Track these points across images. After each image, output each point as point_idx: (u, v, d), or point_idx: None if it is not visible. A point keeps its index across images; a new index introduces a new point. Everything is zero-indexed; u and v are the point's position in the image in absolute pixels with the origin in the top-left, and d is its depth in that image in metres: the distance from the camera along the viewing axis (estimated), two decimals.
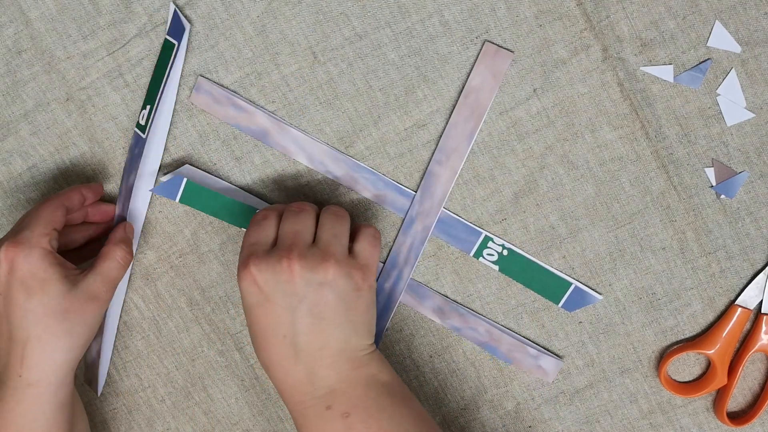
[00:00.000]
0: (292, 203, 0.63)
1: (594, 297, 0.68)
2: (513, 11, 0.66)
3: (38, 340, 0.58)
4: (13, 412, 0.59)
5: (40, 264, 0.59)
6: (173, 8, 0.66)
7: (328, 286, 0.59)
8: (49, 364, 0.59)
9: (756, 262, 0.68)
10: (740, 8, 0.65)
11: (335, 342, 0.59)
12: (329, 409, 0.59)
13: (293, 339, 0.59)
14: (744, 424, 0.69)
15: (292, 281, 0.58)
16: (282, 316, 0.59)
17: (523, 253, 0.68)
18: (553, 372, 0.69)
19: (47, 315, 0.59)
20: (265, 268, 0.58)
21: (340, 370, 0.59)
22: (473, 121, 0.67)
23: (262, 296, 0.59)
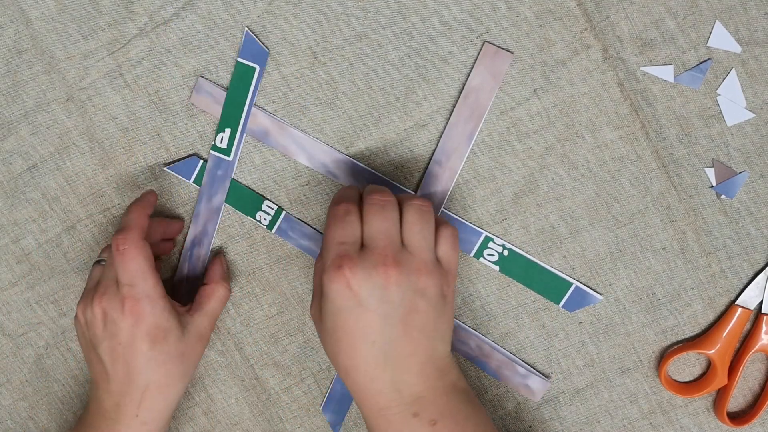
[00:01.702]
0: (371, 192, 0.61)
1: (595, 297, 0.68)
2: (513, 11, 0.66)
3: (158, 386, 0.62)
4: None
5: (163, 315, 0.62)
6: (247, 32, 0.66)
7: (421, 294, 0.58)
8: (165, 406, 0.63)
9: (756, 262, 0.68)
10: (740, 8, 0.65)
11: (423, 350, 0.59)
12: (416, 417, 0.58)
13: (383, 346, 0.57)
14: (744, 424, 0.69)
15: (388, 288, 0.57)
16: (374, 321, 0.57)
17: (523, 253, 0.68)
18: (539, 392, 0.69)
19: (167, 361, 0.62)
20: (360, 272, 0.57)
21: (428, 378, 0.59)
22: (473, 122, 0.67)
23: (354, 301, 0.57)
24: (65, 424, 0.73)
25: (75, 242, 0.70)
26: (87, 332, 0.63)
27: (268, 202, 0.69)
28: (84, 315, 0.63)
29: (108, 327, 0.61)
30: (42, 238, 0.70)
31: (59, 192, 0.69)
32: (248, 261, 0.70)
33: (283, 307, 0.70)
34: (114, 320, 0.61)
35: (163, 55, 0.67)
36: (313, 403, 0.72)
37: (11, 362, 0.72)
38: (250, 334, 0.71)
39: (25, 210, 0.70)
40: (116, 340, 0.61)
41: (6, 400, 0.72)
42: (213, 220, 0.69)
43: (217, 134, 0.68)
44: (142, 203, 0.65)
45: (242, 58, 0.67)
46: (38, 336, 0.72)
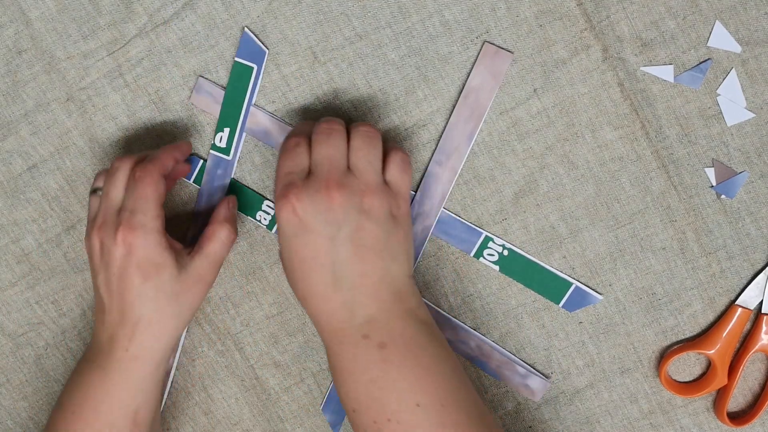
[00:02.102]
0: (320, 122, 0.62)
1: (595, 297, 0.68)
2: (513, 11, 0.66)
3: (149, 322, 0.61)
4: (116, 384, 0.61)
5: (156, 249, 0.61)
6: (246, 32, 0.66)
7: (366, 214, 0.59)
8: (156, 343, 0.62)
9: (756, 262, 0.68)
10: (740, 8, 0.65)
11: (375, 270, 0.59)
12: (366, 338, 0.59)
13: (333, 267, 0.59)
14: (744, 424, 0.69)
15: (332, 210, 0.58)
16: (322, 244, 0.58)
17: (523, 253, 0.68)
18: (539, 392, 0.69)
19: (159, 298, 0.61)
20: (304, 197, 0.58)
21: (380, 300, 0.59)
22: (473, 122, 0.67)
23: (301, 226, 0.59)
24: None
25: (75, 242, 0.70)
26: (90, 263, 0.63)
27: (268, 202, 0.69)
28: (86, 246, 0.63)
29: (104, 257, 0.61)
30: (42, 238, 0.70)
31: (59, 192, 0.69)
32: (248, 261, 0.70)
33: (283, 307, 0.70)
34: (109, 249, 0.60)
35: (163, 55, 0.67)
36: (313, 403, 0.72)
37: (11, 362, 0.72)
38: (250, 334, 0.71)
39: (25, 210, 0.70)
40: (110, 271, 0.61)
41: (6, 400, 0.72)
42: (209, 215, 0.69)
43: (216, 134, 0.68)
44: (174, 147, 0.65)
45: (240, 57, 0.67)
46: (38, 336, 0.71)
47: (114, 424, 0.62)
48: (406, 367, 0.58)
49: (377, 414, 0.58)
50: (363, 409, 0.58)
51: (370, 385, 0.58)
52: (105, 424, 0.61)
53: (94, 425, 0.61)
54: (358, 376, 0.58)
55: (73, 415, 0.62)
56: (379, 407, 0.57)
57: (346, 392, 0.59)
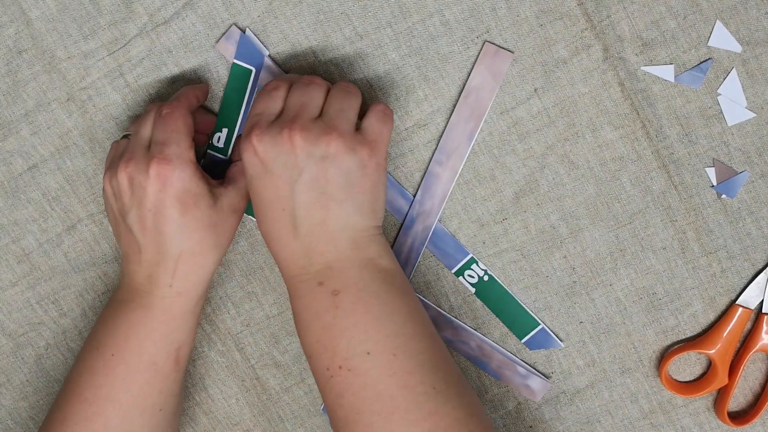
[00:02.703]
0: (303, 76, 0.62)
1: (557, 342, 0.69)
2: (514, 11, 0.66)
3: (191, 254, 0.61)
4: (160, 322, 0.61)
5: (192, 179, 0.60)
6: (239, 33, 0.66)
7: (330, 161, 0.58)
8: (199, 276, 0.62)
9: (757, 262, 0.68)
10: (741, 8, 0.65)
11: (335, 219, 0.58)
12: (321, 285, 0.58)
13: (292, 212, 0.58)
14: (745, 424, 0.69)
15: (293, 153, 0.57)
16: (282, 188, 0.58)
17: (502, 284, 0.68)
18: (540, 392, 0.69)
19: (200, 228, 0.60)
20: (266, 139, 0.58)
21: (339, 248, 0.59)
22: (473, 122, 0.67)
23: (262, 168, 0.58)
24: None
25: (75, 242, 0.70)
26: (114, 203, 0.61)
27: None
28: (110, 185, 0.61)
29: (135, 193, 0.60)
30: (42, 238, 0.70)
31: (60, 192, 0.69)
32: (248, 261, 0.70)
33: (284, 307, 0.70)
34: (141, 185, 0.59)
35: (164, 55, 0.67)
36: (313, 403, 0.72)
37: (11, 362, 0.72)
38: (250, 334, 0.71)
39: (25, 210, 0.70)
40: (144, 207, 0.60)
41: (6, 400, 0.72)
42: None
43: (213, 134, 0.68)
44: (196, 86, 0.65)
45: (238, 59, 0.67)
46: (39, 336, 0.71)
47: (157, 363, 0.61)
48: (357, 314, 0.58)
49: (329, 361, 0.57)
50: (316, 355, 0.58)
51: (322, 332, 0.58)
52: (148, 364, 0.61)
53: (138, 366, 0.61)
54: (311, 323, 0.58)
55: (114, 357, 0.61)
56: (331, 354, 0.57)
57: (302, 338, 0.59)
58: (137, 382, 0.61)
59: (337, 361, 0.57)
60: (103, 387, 0.60)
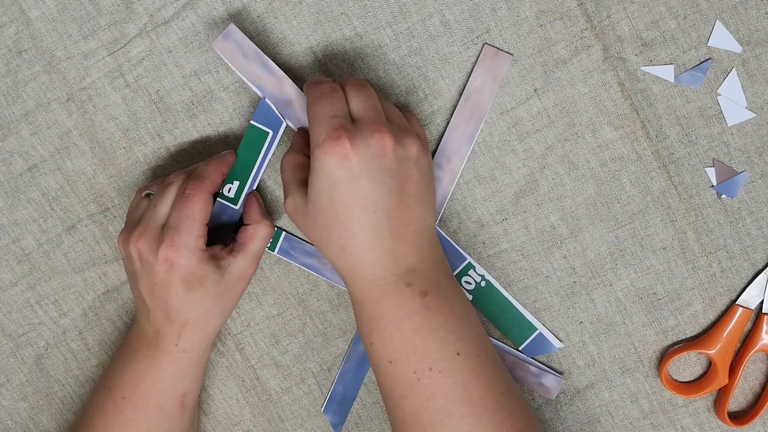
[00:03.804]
0: (347, 78, 0.62)
1: (553, 347, 0.69)
2: (514, 11, 0.66)
3: (196, 322, 0.63)
4: (166, 372, 0.64)
5: (198, 265, 0.61)
6: (262, 100, 0.65)
7: (414, 162, 0.59)
8: (203, 337, 0.64)
9: (757, 262, 0.68)
10: (741, 8, 0.65)
11: (417, 220, 0.59)
12: (409, 287, 0.58)
13: (382, 215, 0.58)
14: (745, 424, 0.69)
15: (385, 156, 0.58)
16: (373, 191, 0.57)
17: (501, 288, 0.68)
18: (555, 389, 0.69)
19: (205, 302, 0.63)
20: (358, 141, 0.57)
21: (421, 250, 0.60)
22: (473, 124, 0.67)
23: (353, 172, 0.57)
24: (66, 424, 0.73)
25: (75, 242, 0.70)
26: (127, 264, 0.64)
27: None
28: (124, 248, 0.63)
29: (144, 267, 0.62)
30: (42, 238, 0.70)
31: (59, 192, 0.69)
32: None
33: (284, 307, 0.70)
34: (149, 262, 0.61)
35: (164, 55, 0.67)
36: (313, 404, 0.71)
37: (11, 362, 0.72)
38: (250, 334, 0.71)
39: (25, 210, 0.70)
40: (152, 280, 0.62)
41: (6, 400, 0.72)
42: None
43: (225, 185, 0.67)
44: (221, 160, 0.65)
45: (256, 121, 0.66)
46: (38, 336, 0.71)
47: (163, 407, 0.64)
48: (444, 315, 0.58)
49: (418, 363, 0.57)
50: (402, 358, 0.58)
51: (411, 333, 0.58)
52: (154, 408, 0.64)
53: (145, 409, 0.64)
54: (398, 324, 0.58)
55: (124, 399, 0.64)
56: (422, 356, 0.57)
57: (383, 342, 0.59)
58: (144, 423, 0.64)
59: (427, 362, 0.57)
60: (114, 425, 0.65)
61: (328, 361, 0.71)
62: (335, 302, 0.70)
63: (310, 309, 0.70)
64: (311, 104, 0.60)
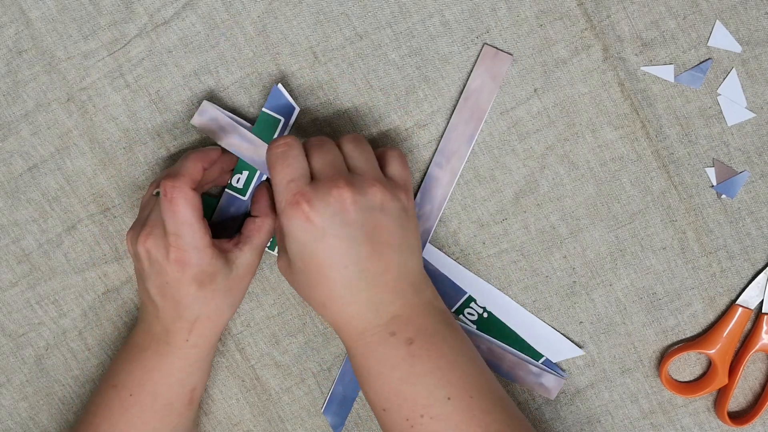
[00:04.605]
0: (309, 138, 0.62)
1: (561, 372, 0.69)
2: (514, 11, 0.66)
3: (208, 317, 0.63)
4: (175, 368, 0.64)
5: (210, 262, 0.61)
6: (275, 87, 0.66)
7: (380, 210, 0.58)
8: (214, 331, 0.64)
9: (757, 262, 0.68)
10: (741, 8, 0.65)
11: (395, 266, 0.59)
12: (393, 336, 0.58)
13: (354, 267, 0.58)
14: (745, 423, 0.69)
15: (346, 211, 0.57)
16: (340, 247, 0.57)
17: (502, 319, 0.68)
18: (555, 389, 0.69)
19: (216, 297, 0.63)
20: (316, 202, 0.57)
21: (403, 296, 0.59)
22: (473, 124, 0.67)
23: (316, 233, 0.57)
24: (65, 424, 0.73)
25: (75, 242, 0.70)
26: (136, 263, 0.63)
27: None
28: (132, 247, 0.63)
29: (154, 267, 0.62)
30: (42, 238, 0.70)
31: (59, 192, 0.69)
32: None
33: (284, 307, 0.70)
34: (160, 262, 0.61)
35: (164, 55, 0.67)
36: (313, 404, 0.71)
37: (11, 362, 0.72)
38: (250, 334, 0.71)
39: (25, 210, 0.70)
40: (163, 280, 0.61)
41: (6, 400, 0.72)
42: None
43: (233, 175, 0.67)
44: (200, 154, 0.64)
45: (267, 109, 0.66)
46: (39, 336, 0.71)
47: (172, 403, 0.64)
48: (432, 360, 0.58)
49: (409, 411, 0.58)
50: (394, 407, 0.58)
51: (399, 382, 0.58)
52: (163, 405, 0.64)
53: (153, 406, 0.64)
54: (387, 374, 0.58)
55: (131, 397, 0.64)
56: (411, 404, 0.57)
57: (375, 392, 0.59)
58: (152, 421, 0.64)
59: (418, 410, 0.57)
60: (119, 424, 0.64)
61: (328, 361, 0.71)
62: None
63: (310, 309, 0.70)
64: (270, 169, 0.60)
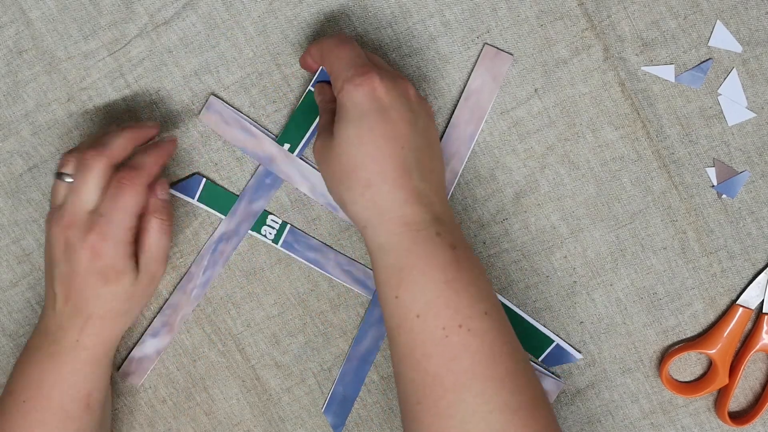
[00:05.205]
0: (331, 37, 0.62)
1: (573, 357, 0.69)
2: (514, 11, 0.66)
3: (101, 319, 0.62)
4: (68, 370, 0.62)
5: (123, 259, 0.61)
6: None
7: (430, 119, 0.60)
8: (106, 337, 0.63)
9: (757, 262, 0.68)
10: (741, 8, 0.65)
11: (439, 171, 0.59)
12: (439, 237, 0.56)
13: (412, 153, 0.57)
14: (745, 423, 0.69)
15: (409, 98, 0.58)
16: (402, 125, 0.57)
17: (511, 305, 0.68)
18: (553, 392, 0.69)
19: (115, 300, 0.62)
20: (385, 80, 0.57)
21: (443, 202, 0.58)
22: (473, 124, 0.67)
23: (382, 103, 0.57)
24: None
25: None
26: (48, 249, 0.62)
27: (273, 216, 0.69)
28: (51, 230, 0.61)
29: (67, 254, 0.61)
30: (42, 238, 0.70)
31: None
32: (249, 261, 0.70)
33: (284, 307, 0.70)
34: (74, 249, 0.60)
35: (164, 55, 0.67)
36: (314, 404, 0.71)
37: (12, 362, 0.72)
38: (251, 334, 0.71)
39: (25, 210, 0.70)
40: (71, 268, 0.60)
41: None
42: (247, 222, 0.69)
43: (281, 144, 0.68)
44: (161, 150, 0.63)
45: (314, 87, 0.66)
46: None
47: (67, 408, 0.62)
48: (473, 272, 0.56)
49: (448, 319, 0.55)
50: (432, 313, 0.55)
51: (445, 286, 0.55)
52: (58, 410, 0.62)
53: (48, 411, 0.62)
54: (432, 275, 0.55)
55: (25, 403, 0.62)
56: (453, 312, 0.55)
57: (413, 294, 0.55)
58: (49, 425, 0.62)
59: (458, 319, 0.55)
60: (20, 429, 0.62)
61: (329, 361, 0.71)
62: (335, 302, 0.70)
63: (310, 309, 0.70)
64: (332, 50, 0.60)
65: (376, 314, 0.69)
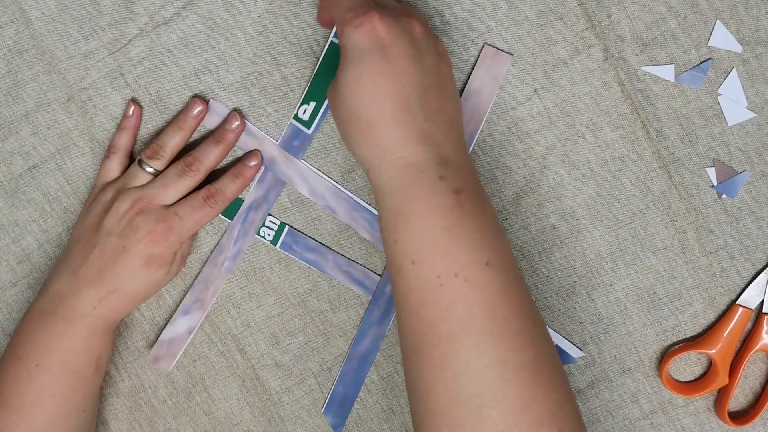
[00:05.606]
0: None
1: (574, 357, 0.69)
2: (514, 11, 0.66)
3: (124, 296, 0.64)
4: (81, 335, 0.64)
5: (171, 253, 0.65)
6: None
7: (442, 58, 0.58)
8: (121, 312, 0.65)
9: (757, 262, 0.68)
10: (741, 8, 0.65)
11: (450, 110, 0.56)
12: (442, 180, 0.54)
13: (415, 91, 0.55)
14: (745, 423, 0.69)
15: (414, 36, 0.56)
16: (404, 62, 0.55)
17: None
18: None
19: (143, 283, 0.64)
20: (386, 18, 0.55)
21: (454, 143, 0.56)
22: (473, 125, 0.67)
23: (382, 42, 0.54)
24: None
25: None
26: (100, 214, 0.64)
27: (271, 218, 0.69)
28: (112, 202, 0.64)
29: (127, 229, 0.63)
30: (42, 238, 0.70)
31: (60, 192, 0.69)
32: (249, 261, 0.70)
33: (284, 307, 0.70)
34: (137, 228, 0.63)
35: (164, 55, 0.67)
36: (314, 404, 0.71)
37: None
38: (251, 334, 0.71)
39: (25, 210, 0.70)
40: (123, 242, 0.63)
41: None
42: (276, 189, 0.69)
43: (300, 106, 0.67)
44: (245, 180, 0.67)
45: (336, 38, 0.65)
46: None
47: (79, 371, 0.64)
48: (477, 219, 0.54)
49: (444, 267, 0.52)
50: (428, 260, 0.53)
51: (443, 232, 0.53)
52: (71, 372, 0.63)
53: (62, 374, 0.63)
54: (430, 220, 0.53)
55: (38, 367, 0.63)
56: (450, 260, 0.52)
57: (410, 238, 0.53)
58: (61, 388, 0.63)
59: (454, 267, 0.52)
60: (29, 395, 0.63)
61: (329, 361, 0.71)
62: (335, 302, 0.70)
63: (310, 309, 0.70)
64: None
65: (376, 314, 0.69)
